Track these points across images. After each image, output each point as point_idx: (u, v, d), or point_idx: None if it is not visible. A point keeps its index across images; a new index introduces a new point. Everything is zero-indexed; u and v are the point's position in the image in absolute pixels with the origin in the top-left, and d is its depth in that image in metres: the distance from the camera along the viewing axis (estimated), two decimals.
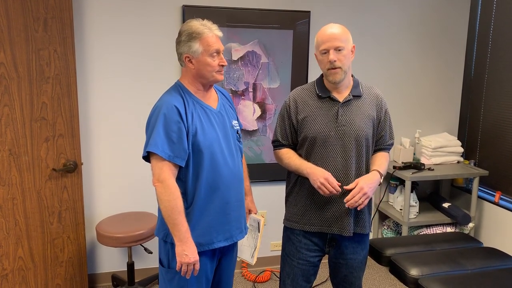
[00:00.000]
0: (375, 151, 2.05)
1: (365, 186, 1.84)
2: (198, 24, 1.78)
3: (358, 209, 1.85)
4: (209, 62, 1.78)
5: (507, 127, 3.26)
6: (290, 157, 2.00)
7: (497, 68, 3.34)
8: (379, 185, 1.94)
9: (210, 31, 1.78)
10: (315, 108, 1.96)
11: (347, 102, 1.94)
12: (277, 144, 2.08)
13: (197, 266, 1.76)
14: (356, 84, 1.99)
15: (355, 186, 1.85)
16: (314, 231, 1.99)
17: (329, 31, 1.88)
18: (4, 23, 2.42)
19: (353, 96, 1.95)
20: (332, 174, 1.90)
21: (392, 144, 2.09)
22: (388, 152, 2.08)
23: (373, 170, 1.95)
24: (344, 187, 1.88)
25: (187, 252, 1.72)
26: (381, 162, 2.00)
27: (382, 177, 1.95)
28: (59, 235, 2.72)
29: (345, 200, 1.84)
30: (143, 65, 3.00)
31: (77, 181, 2.70)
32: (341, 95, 1.95)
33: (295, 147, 2.05)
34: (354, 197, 1.83)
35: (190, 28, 1.77)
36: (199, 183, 1.79)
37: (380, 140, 2.04)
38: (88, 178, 3.02)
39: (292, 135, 2.03)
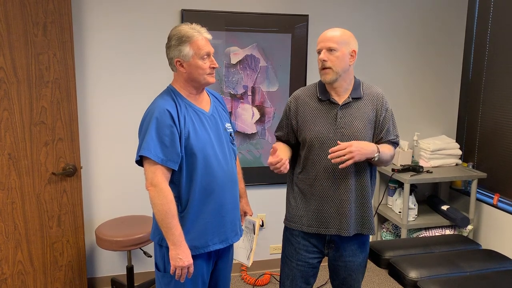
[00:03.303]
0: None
1: (355, 145, 1.81)
2: (187, 28, 1.79)
3: (340, 167, 1.82)
4: (200, 65, 1.78)
5: (505, 129, 3.27)
6: None
7: (495, 70, 3.36)
8: (371, 160, 1.90)
9: (200, 34, 1.78)
10: (314, 110, 1.98)
11: (346, 104, 1.95)
12: (276, 138, 2.17)
13: (191, 270, 1.75)
14: (356, 86, 1.99)
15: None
16: (312, 232, 2.00)
17: (326, 33, 1.93)
18: (3, 27, 2.43)
19: (352, 98, 1.96)
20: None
21: (396, 142, 2.05)
22: (393, 147, 2.04)
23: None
24: (338, 141, 1.85)
25: (181, 256, 1.72)
26: (382, 145, 1.98)
27: (377, 155, 1.89)
28: (58, 239, 2.72)
29: (330, 151, 1.81)
30: (142, 69, 3.01)
31: (77, 185, 2.71)
32: (341, 98, 1.97)
33: (290, 144, 2.10)
34: (339, 150, 1.78)
35: (179, 32, 1.78)
36: (193, 186, 1.79)
37: (382, 138, 2.00)
38: (87, 182, 3.03)
39: (289, 134, 2.08)
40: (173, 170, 1.77)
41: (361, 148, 1.83)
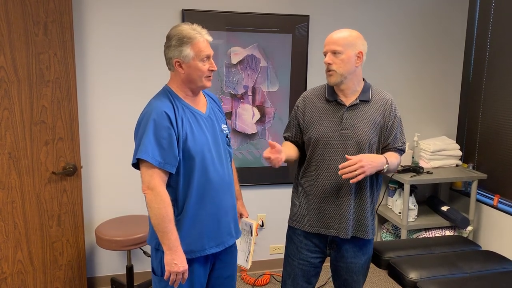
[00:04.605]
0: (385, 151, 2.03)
1: (365, 159, 1.79)
2: (189, 29, 1.76)
3: (351, 182, 1.79)
4: (200, 67, 1.76)
5: (505, 130, 3.27)
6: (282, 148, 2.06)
7: (495, 72, 3.35)
8: (381, 172, 1.89)
9: (201, 36, 1.76)
10: (321, 111, 1.99)
11: (353, 106, 1.95)
12: (285, 139, 2.17)
13: (186, 275, 1.73)
14: (366, 89, 1.99)
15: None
16: (313, 232, 2.00)
17: (332, 35, 1.92)
18: (4, 26, 2.43)
19: (360, 101, 1.96)
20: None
21: (402, 150, 2.04)
22: (399, 155, 2.03)
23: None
24: (346, 156, 1.85)
25: (177, 261, 1.69)
26: (389, 154, 1.97)
27: (387, 166, 1.88)
28: (58, 239, 2.72)
29: (340, 167, 1.80)
30: (143, 69, 3.01)
31: (77, 184, 2.71)
32: (348, 99, 1.97)
33: (298, 144, 2.10)
34: (350, 166, 1.77)
35: (180, 32, 1.75)
36: (190, 189, 1.76)
37: (389, 144, 2.01)
38: (87, 182, 3.02)
39: (297, 134, 2.09)
40: (170, 173, 1.74)
41: (371, 162, 1.81)
